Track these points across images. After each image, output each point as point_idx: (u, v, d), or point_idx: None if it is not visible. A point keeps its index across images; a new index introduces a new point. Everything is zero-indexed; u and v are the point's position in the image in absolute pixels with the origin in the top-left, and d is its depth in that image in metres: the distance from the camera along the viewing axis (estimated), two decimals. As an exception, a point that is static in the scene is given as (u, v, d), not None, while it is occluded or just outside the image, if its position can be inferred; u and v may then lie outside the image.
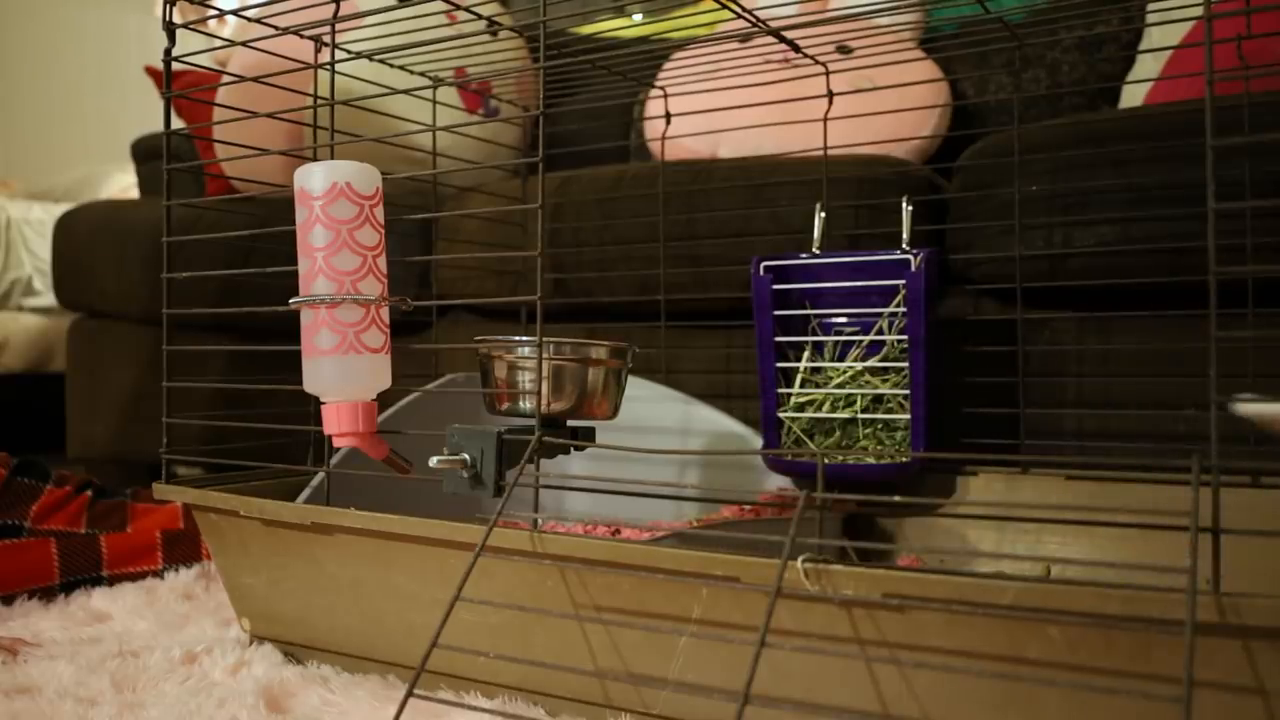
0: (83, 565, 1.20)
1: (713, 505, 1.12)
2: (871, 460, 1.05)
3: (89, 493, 1.30)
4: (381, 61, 1.09)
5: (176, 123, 1.57)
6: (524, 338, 0.87)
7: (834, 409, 1.09)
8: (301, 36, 0.96)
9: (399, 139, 1.43)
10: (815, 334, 1.12)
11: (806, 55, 1.15)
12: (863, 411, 1.08)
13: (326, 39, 0.96)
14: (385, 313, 0.84)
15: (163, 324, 1.00)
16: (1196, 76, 1.24)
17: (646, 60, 1.43)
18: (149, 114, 1.65)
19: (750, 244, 1.28)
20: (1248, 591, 0.56)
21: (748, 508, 1.08)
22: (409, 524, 0.83)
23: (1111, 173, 1.12)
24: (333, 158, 0.87)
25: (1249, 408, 0.74)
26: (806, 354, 1.12)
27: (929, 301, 1.03)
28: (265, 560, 0.96)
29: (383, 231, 0.84)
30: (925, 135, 1.50)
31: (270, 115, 0.96)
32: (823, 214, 1.15)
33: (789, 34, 1.08)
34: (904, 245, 1.10)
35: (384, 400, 0.90)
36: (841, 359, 1.11)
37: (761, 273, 1.10)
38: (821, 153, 1.22)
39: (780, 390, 1.11)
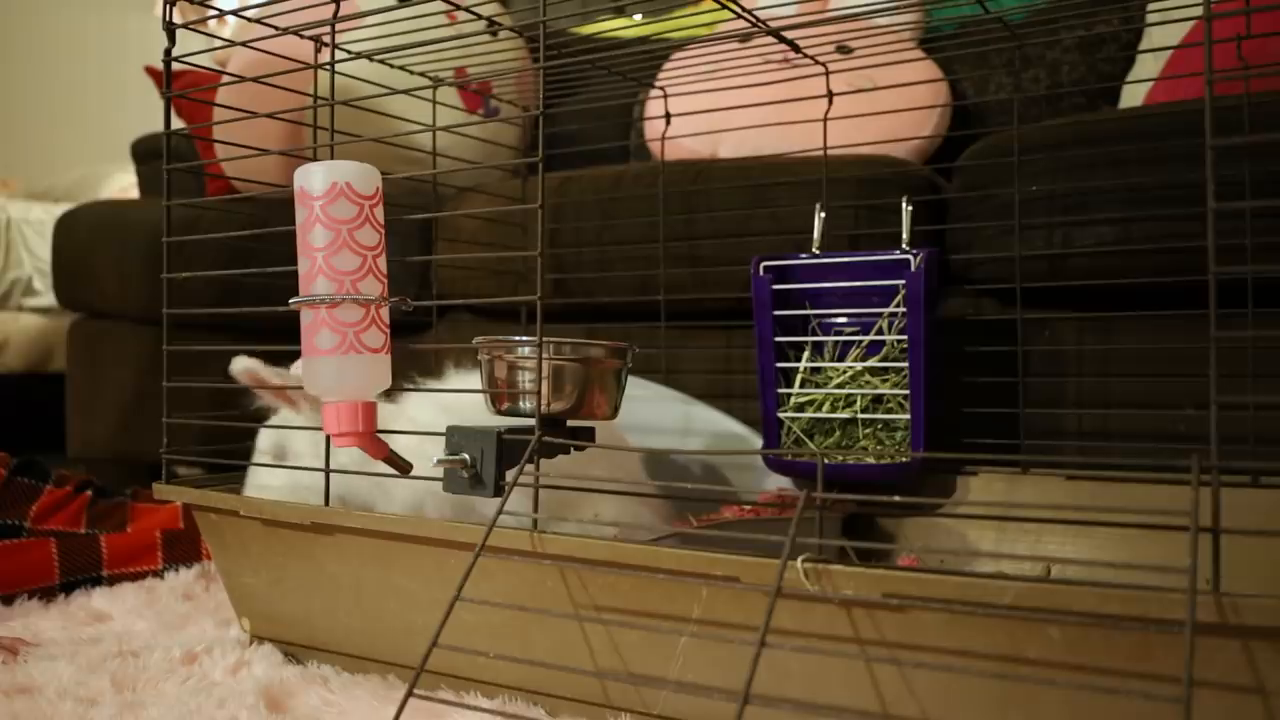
0: (83, 565, 1.20)
1: (713, 505, 1.12)
2: (871, 460, 1.05)
3: (89, 493, 1.30)
4: (381, 61, 1.09)
5: (176, 123, 1.57)
6: (524, 338, 0.87)
7: (834, 409, 1.09)
8: (301, 36, 0.96)
9: (399, 139, 1.43)
10: (815, 334, 1.12)
11: (806, 55, 1.15)
12: (863, 411, 1.08)
13: (326, 39, 0.96)
14: (385, 313, 0.84)
15: (163, 324, 1.00)
16: (1196, 76, 1.24)
17: (646, 60, 1.43)
18: (149, 114, 1.65)
19: (750, 244, 1.28)
20: (1247, 591, 0.56)
21: (748, 508, 1.08)
22: (409, 524, 0.83)
23: (1111, 173, 1.12)
24: (333, 158, 0.87)
25: None
26: (806, 354, 1.12)
27: (929, 301, 1.03)
28: (265, 560, 0.96)
29: (383, 231, 0.84)
30: (925, 135, 1.50)
31: (270, 115, 0.96)
32: (823, 214, 1.15)
33: (789, 34, 1.08)
34: (904, 245, 1.10)
35: (384, 400, 0.90)
36: (841, 359, 1.11)
37: (761, 273, 1.10)
38: (821, 153, 1.22)
39: (780, 390, 1.11)
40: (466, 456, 0.80)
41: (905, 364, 1.04)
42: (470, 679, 0.85)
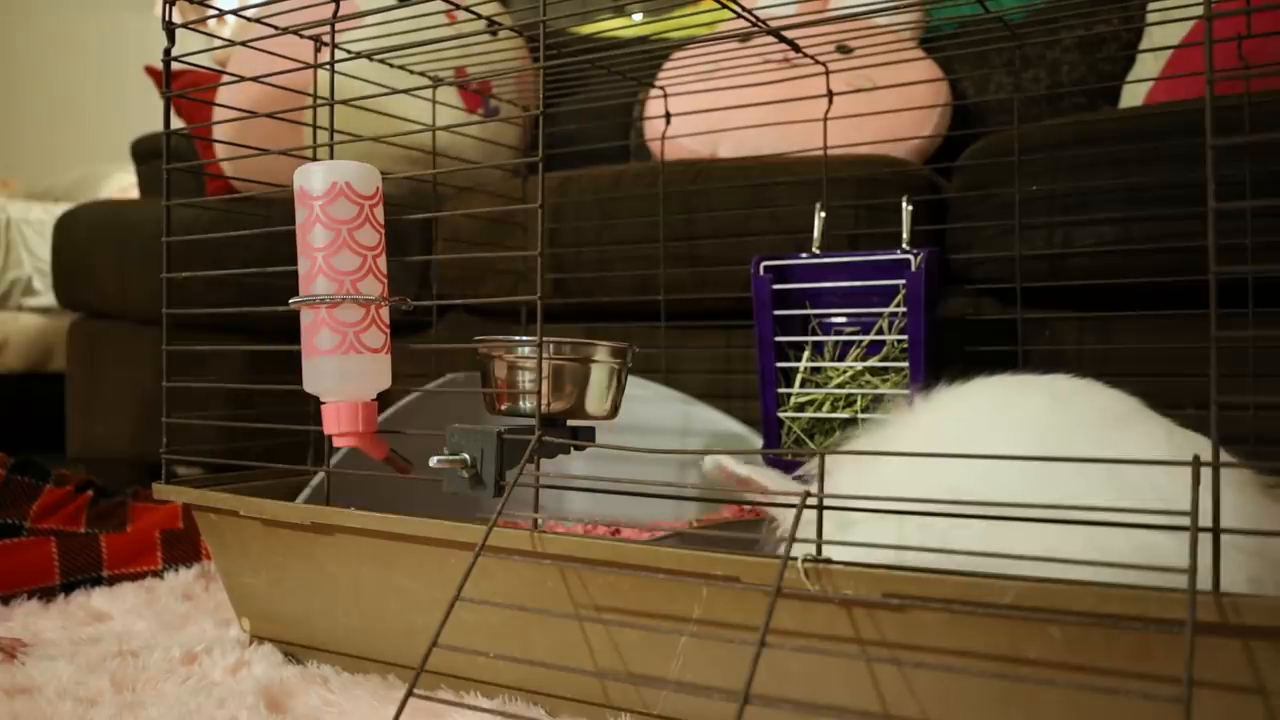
0: (83, 565, 1.20)
1: (713, 505, 1.12)
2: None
3: (89, 492, 1.30)
4: (381, 61, 1.09)
5: (176, 123, 1.57)
6: (524, 338, 0.87)
7: (834, 409, 1.09)
8: (301, 36, 0.96)
9: (399, 139, 1.43)
10: (815, 334, 1.12)
11: (806, 55, 1.15)
12: (863, 411, 1.08)
13: (326, 39, 0.96)
14: (385, 313, 0.84)
15: (162, 324, 1.00)
16: (1196, 76, 1.24)
17: (646, 60, 1.43)
18: (149, 114, 1.65)
19: (750, 244, 1.28)
20: (1247, 592, 0.56)
21: (748, 508, 1.08)
22: (409, 524, 0.83)
23: (1111, 173, 1.12)
24: (332, 158, 0.87)
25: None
26: (806, 354, 1.12)
27: (929, 301, 1.03)
28: (265, 560, 0.95)
29: (383, 231, 0.84)
30: (925, 135, 1.50)
31: (270, 115, 0.96)
32: (823, 214, 1.15)
33: (789, 34, 1.08)
34: (904, 245, 1.10)
35: (384, 400, 0.90)
36: (841, 359, 1.11)
37: (761, 272, 1.10)
38: (821, 152, 1.22)
39: (780, 390, 1.11)
40: (466, 456, 0.80)
41: (905, 364, 1.04)
42: (470, 679, 0.85)
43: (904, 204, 1.11)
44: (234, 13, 1.01)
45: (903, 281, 1.05)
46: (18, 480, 1.26)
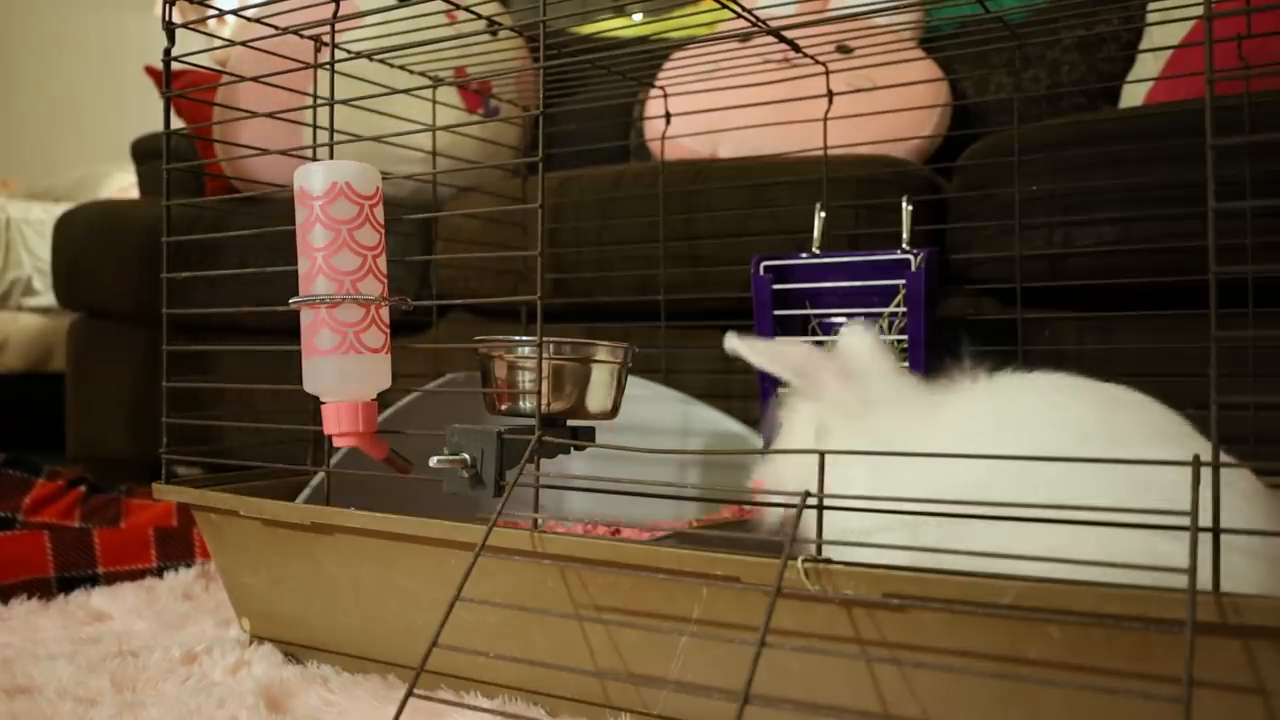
0: (76, 559, 1.20)
1: (713, 505, 1.12)
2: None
3: (82, 488, 1.30)
4: (381, 61, 1.09)
5: (176, 123, 1.57)
6: (524, 338, 0.87)
7: (834, 409, 1.09)
8: (301, 36, 0.96)
9: (399, 139, 1.43)
10: (815, 334, 1.12)
11: (806, 55, 1.15)
12: (863, 411, 1.08)
13: (326, 39, 0.96)
14: (385, 313, 0.84)
15: (162, 324, 0.99)
16: (1196, 76, 1.24)
17: (646, 60, 1.43)
18: (149, 114, 1.65)
19: (750, 244, 1.28)
20: (1248, 592, 0.56)
21: (748, 508, 1.08)
22: (409, 524, 0.83)
23: (1111, 173, 1.12)
24: (332, 158, 0.87)
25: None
26: (806, 354, 1.12)
27: (929, 301, 1.03)
28: (265, 560, 0.95)
29: (383, 231, 0.84)
30: (925, 135, 1.50)
31: (270, 115, 0.96)
32: (823, 214, 1.15)
33: (789, 34, 1.08)
34: (904, 245, 1.10)
35: (384, 400, 0.90)
36: (841, 359, 1.11)
37: (761, 272, 1.10)
38: (821, 152, 1.22)
39: (780, 390, 1.11)
40: (466, 456, 0.80)
41: (905, 364, 1.04)
42: (470, 679, 0.85)
43: (904, 204, 1.11)
44: (234, 13, 1.01)
45: (903, 281, 1.05)
46: (10, 474, 1.26)
